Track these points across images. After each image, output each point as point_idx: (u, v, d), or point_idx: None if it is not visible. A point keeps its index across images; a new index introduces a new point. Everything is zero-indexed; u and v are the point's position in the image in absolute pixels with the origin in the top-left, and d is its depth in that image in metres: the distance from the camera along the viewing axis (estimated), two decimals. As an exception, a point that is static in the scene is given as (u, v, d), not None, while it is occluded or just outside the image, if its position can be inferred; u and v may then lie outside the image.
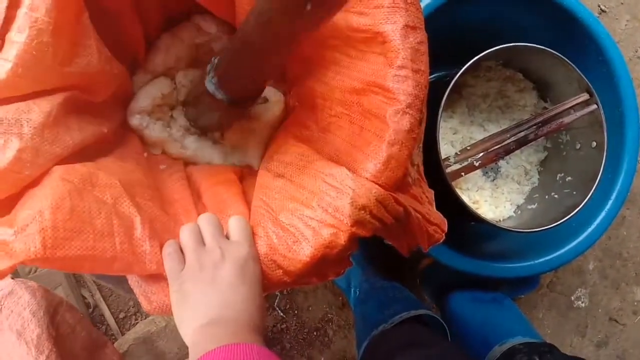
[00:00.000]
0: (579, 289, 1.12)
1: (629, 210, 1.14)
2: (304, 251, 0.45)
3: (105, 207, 0.46)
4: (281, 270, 0.46)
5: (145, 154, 0.65)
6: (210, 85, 0.56)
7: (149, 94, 0.64)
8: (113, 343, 0.83)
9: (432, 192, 0.59)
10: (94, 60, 0.52)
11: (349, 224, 0.45)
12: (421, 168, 0.57)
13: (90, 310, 0.97)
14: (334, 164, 0.50)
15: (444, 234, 0.57)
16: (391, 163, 0.47)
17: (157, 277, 0.47)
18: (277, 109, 0.67)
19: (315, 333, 1.04)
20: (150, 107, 0.64)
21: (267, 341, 1.03)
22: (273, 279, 0.47)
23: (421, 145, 0.54)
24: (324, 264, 0.46)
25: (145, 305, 0.46)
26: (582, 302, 1.11)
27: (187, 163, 0.67)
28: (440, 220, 0.57)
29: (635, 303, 1.13)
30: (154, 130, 0.64)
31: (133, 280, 0.46)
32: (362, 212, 0.46)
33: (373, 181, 0.47)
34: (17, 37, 0.45)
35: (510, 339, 0.77)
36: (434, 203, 0.59)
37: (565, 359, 0.70)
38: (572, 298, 1.11)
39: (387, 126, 0.47)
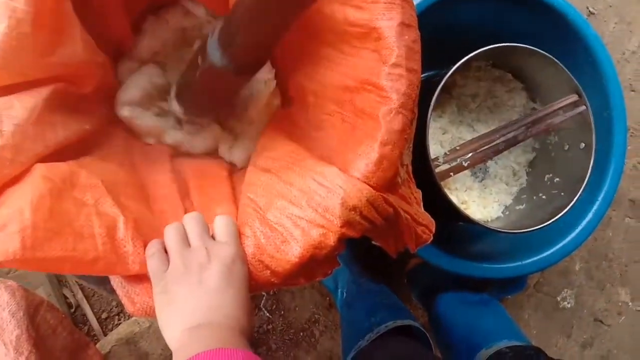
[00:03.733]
0: (565, 290, 1.12)
1: (614, 212, 1.15)
2: (293, 252, 0.44)
3: (86, 207, 0.45)
4: (269, 271, 0.45)
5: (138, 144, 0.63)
6: (213, 52, 0.51)
7: (137, 83, 0.62)
8: (95, 344, 0.82)
9: (420, 192, 0.58)
10: (78, 49, 0.51)
11: (339, 225, 0.44)
12: (410, 168, 0.57)
13: (72, 310, 0.95)
14: (324, 162, 0.49)
15: (432, 235, 0.56)
16: (383, 163, 0.46)
17: (141, 278, 0.46)
18: (273, 103, 0.66)
19: (301, 334, 1.03)
20: (140, 97, 0.62)
21: (253, 342, 1.02)
22: (260, 279, 0.45)
23: (411, 145, 0.53)
24: (312, 265, 0.45)
25: (128, 307, 0.44)
26: (567, 303, 1.12)
27: (179, 153, 0.65)
28: (429, 221, 0.56)
29: (620, 304, 1.14)
30: (145, 120, 0.62)
31: (116, 281, 0.45)
32: (353, 212, 0.45)
33: (364, 181, 0.46)
34: (-4, 27, 0.43)
35: (497, 342, 0.77)
36: (422, 203, 0.58)
37: None
38: (558, 299, 1.12)
39: (380, 125, 0.46)
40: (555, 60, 0.78)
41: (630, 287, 1.14)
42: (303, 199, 0.46)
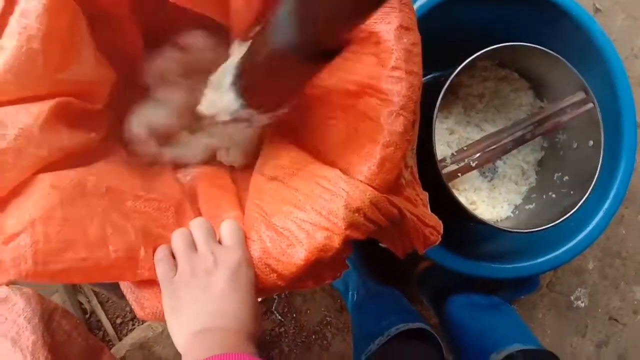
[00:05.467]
0: (579, 289, 1.11)
1: (627, 209, 1.13)
2: (298, 255, 0.45)
3: (98, 214, 0.45)
4: (275, 275, 0.46)
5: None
6: (283, 28, 0.39)
7: (143, 119, 0.63)
8: (110, 349, 0.83)
9: (427, 194, 0.59)
10: (89, 67, 0.52)
11: (343, 227, 0.45)
12: (415, 170, 0.57)
13: (87, 316, 0.97)
14: (327, 166, 0.49)
15: (439, 236, 0.56)
16: (385, 165, 0.46)
17: (150, 283, 0.47)
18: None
19: (313, 336, 1.04)
20: (146, 133, 0.63)
21: (263, 345, 1.03)
22: (267, 283, 0.46)
23: (414, 147, 0.53)
24: (319, 267, 0.46)
25: (138, 312, 0.45)
26: (581, 302, 1.11)
27: (178, 165, 0.66)
28: (436, 222, 0.56)
29: (635, 302, 1.12)
30: (149, 147, 0.63)
31: (125, 287, 0.46)
32: (356, 214, 0.45)
33: (367, 183, 0.46)
34: (7, 43, 0.44)
35: (507, 346, 0.77)
36: (429, 205, 0.58)
37: None
38: (572, 298, 1.11)
39: (382, 128, 0.46)
40: (561, 58, 0.78)
41: (645, 285, 1.13)
42: (307, 202, 0.47)
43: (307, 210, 0.47)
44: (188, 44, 0.65)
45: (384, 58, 0.47)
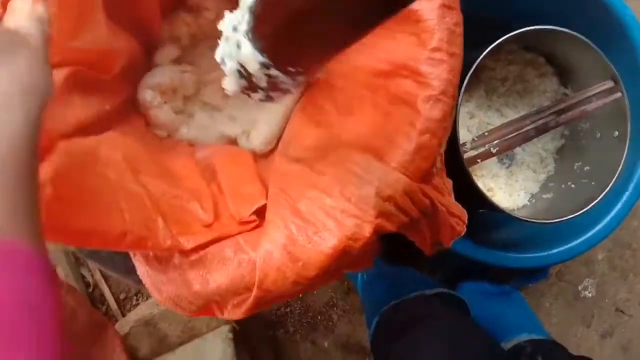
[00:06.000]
0: (587, 279, 1.10)
1: (640, 201, 1.12)
2: (326, 243, 0.42)
3: (109, 182, 0.44)
4: (301, 263, 0.43)
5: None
6: None
7: (165, 73, 0.60)
8: (113, 324, 0.81)
9: (451, 182, 0.56)
10: (102, 35, 0.49)
11: (374, 216, 0.43)
12: (443, 157, 0.54)
13: (90, 289, 0.95)
14: (357, 151, 0.47)
15: (464, 227, 0.54)
16: (421, 153, 0.44)
17: (167, 267, 0.45)
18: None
19: (319, 317, 1.03)
20: (165, 85, 0.60)
21: (271, 324, 1.01)
22: (290, 274, 0.43)
23: (449, 133, 0.51)
24: (345, 260, 0.44)
25: (156, 296, 0.44)
26: (589, 292, 1.10)
27: (193, 143, 0.63)
28: (461, 212, 0.54)
29: (642, 294, 1.12)
30: (163, 112, 0.60)
31: (142, 271, 0.44)
32: (388, 203, 0.43)
33: (400, 171, 0.44)
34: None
35: (516, 335, 0.76)
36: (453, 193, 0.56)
37: (570, 357, 0.68)
38: (580, 288, 1.10)
39: (418, 113, 0.44)
40: (592, 45, 0.75)
41: (653, 278, 1.12)
42: (336, 188, 0.45)
43: (336, 196, 0.44)
44: (199, 5, 0.62)
45: (424, 38, 0.44)
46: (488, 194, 0.87)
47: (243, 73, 0.37)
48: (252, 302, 0.44)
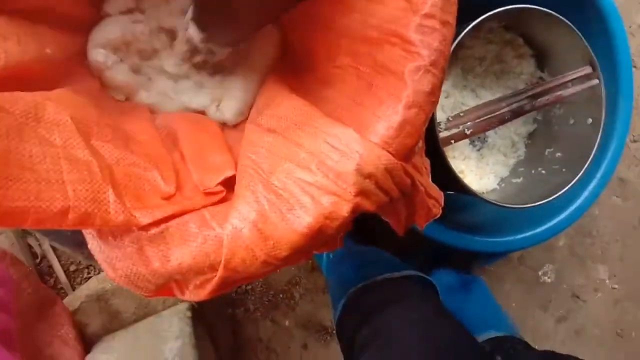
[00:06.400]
0: (547, 265, 1.12)
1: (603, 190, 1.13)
2: (300, 221, 0.39)
3: (52, 148, 0.38)
4: (272, 242, 0.40)
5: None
6: None
7: (116, 25, 0.54)
8: (62, 299, 0.76)
9: (429, 161, 0.54)
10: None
11: (353, 194, 0.39)
12: (424, 135, 0.52)
13: (38, 261, 0.89)
14: (338, 122, 0.43)
15: (440, 209, 0.52)
16: (406, 128, 0.40)
17: (122, 243, 0.40)
18: (270, 48, 0.58)
19: (281, 295, 1.00)
20: (117, 41, 0.54)
21: (231, 302, 0.98)
22: (260, 253, 0.40)
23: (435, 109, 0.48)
24: (319, 239, 0.40)
25: (110, 274, 0.39)
26: (548, 278, 1.12)
27: (154, 111, 0.58)
28: (437, 194, 0.51)
29: (598, 281, 1.14)
30: (119, 73, 0.53)
31: (94, 245, 0.39)
32: (368, 180, 0.40)
33: (382, 147, 0.41)
34: None
35: (483, 332, 0.75)
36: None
37: (531, 355, 0.68)
38: (540, 273, 1.12)
39: (405, 85, 0.40)
40: (574, 28, 0.73)
41: (608, 265, 1.14)
42: (313, 162, 0.41)
43: (312, 170, 0.40)
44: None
45: (416, 3, 0.40)
46: (459, 176, 0.86)
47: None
48: (216, 283, 0.41)
